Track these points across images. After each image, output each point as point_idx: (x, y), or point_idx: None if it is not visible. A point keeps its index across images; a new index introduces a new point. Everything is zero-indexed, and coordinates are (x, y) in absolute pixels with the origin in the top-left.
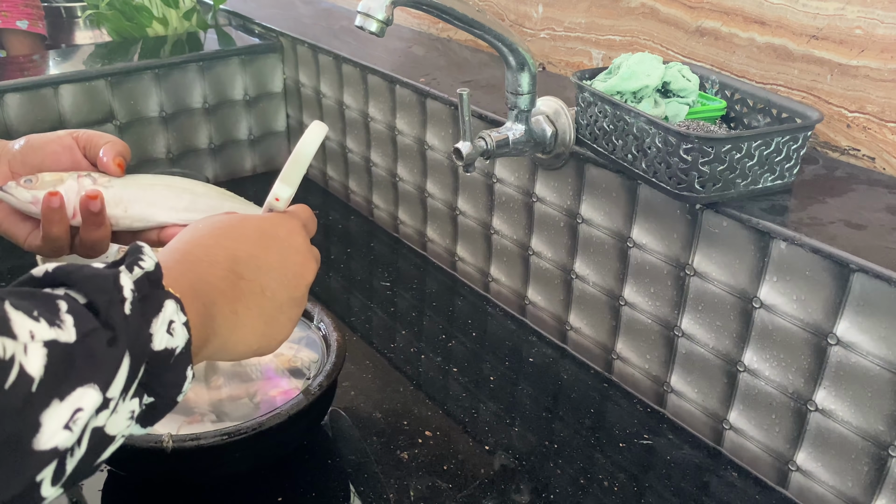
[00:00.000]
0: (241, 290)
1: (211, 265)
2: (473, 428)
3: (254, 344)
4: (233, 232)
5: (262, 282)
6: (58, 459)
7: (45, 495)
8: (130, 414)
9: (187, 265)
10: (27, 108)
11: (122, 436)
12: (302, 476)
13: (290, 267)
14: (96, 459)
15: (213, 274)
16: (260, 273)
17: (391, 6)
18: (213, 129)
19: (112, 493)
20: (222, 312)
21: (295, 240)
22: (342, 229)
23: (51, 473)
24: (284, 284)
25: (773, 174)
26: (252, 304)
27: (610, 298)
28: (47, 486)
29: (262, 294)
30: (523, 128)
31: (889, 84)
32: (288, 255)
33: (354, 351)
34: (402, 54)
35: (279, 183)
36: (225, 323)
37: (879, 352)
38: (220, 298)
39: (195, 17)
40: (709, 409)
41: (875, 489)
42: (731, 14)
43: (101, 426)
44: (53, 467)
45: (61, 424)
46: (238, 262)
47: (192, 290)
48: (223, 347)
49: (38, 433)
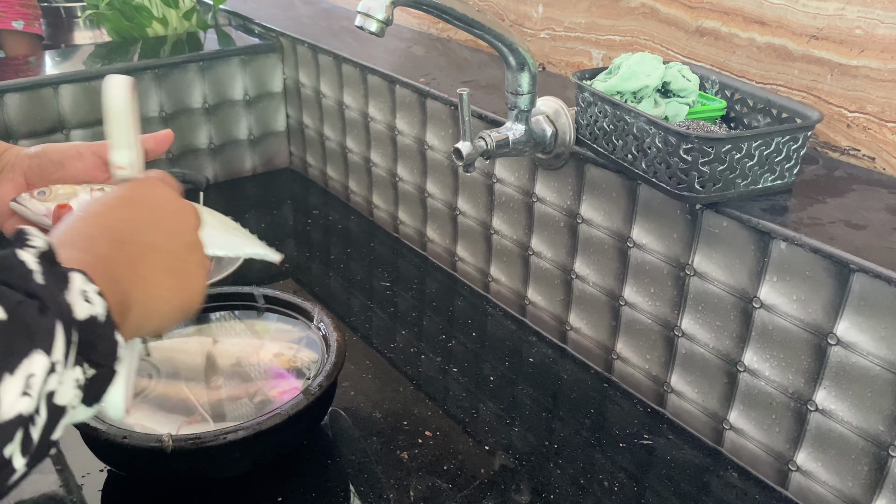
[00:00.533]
0: (132, 253)
1: (90, 240)
2: (473, 428)
3: (174, 299)
4: (97, 208)
5: (147, 240)
6: (23, 428)
7: (16, 467)
8: (76, 383)
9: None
10: (27, 108)
11: (72, 407)
12: (302, 476)
13: (168, 216)
14: (53, 431)
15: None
16: (140, 233)
17: (391, 6)
18: (213, 129)
19: (112, 493)
20: (126, 278)
21: (158, 192)
22: (342, 229)
23: (19, 445)
24: (171, 234)
25: (773, 174)
26: (151, 263)
27: (610, 298)
28: (18, 458)
29: (155, 251)
30: (523, 128)
31: (889, 84)
32: (158, 208)
33: (354, 351)
34: (402, 54)
35: (114, 150)
36: (134, 288)
37: (879, 352)
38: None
39: (195, 17)
40: (709, 409)
41: (875, 489)
42: (731, 14)
43: (52, 391)
44: (20, 437)
45: (18, 392)
46: (114, 231)
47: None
48: (146, 312)
49: None
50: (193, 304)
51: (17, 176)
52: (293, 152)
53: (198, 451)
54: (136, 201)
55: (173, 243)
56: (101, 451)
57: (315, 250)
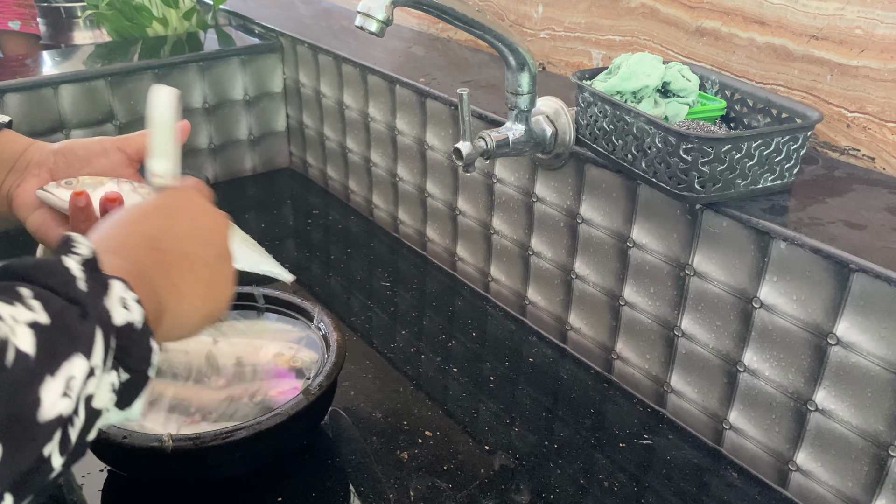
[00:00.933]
0: (168, 262)
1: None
2: (473, 428)
3: (203, 309)
4: (137, 216)
5: (183, 249)
6: (62, 429)
7: (54, 466)
8: (111, 387)
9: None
10: (27, 108)
11: (106, 410)
12: (302, 476)
13: (203, 226)
14: (89, 433)
15: (135, 255)
16: (177, 242)
17: (391, 6)
18: (213, 129)
19: (112, 493)
20: (161, 286)
21: (195, 203)
22: (342, 229)
23: (57, 445)
24: (205, 244)
25: (773, 174)
26: (184, 272)
27: (610, 298)
28: (56, 457)
29: (189, 260)
30: (523, 128)
31: (889, 84)
32: (195, 218)
33: (354, 351)
34: (402, 54)
35: (154, 159)
36: (167, 296)
37: (879, 352)
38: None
39: (195, 17)
40: (709, 409)
41: (875, 489)
42: (731, 14)
43: (91, 394)
44: (59, 437)
45: (59, 394)
46: (153, 239)
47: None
48: (176, 320)
49: (40, 406)
50: (221, 312)
51: (43, 172)
52: (293, 152)
53: (198, 451)
54: (173, 210)
55: (206, 253)
56: (101, 451)
57: (315, 250)
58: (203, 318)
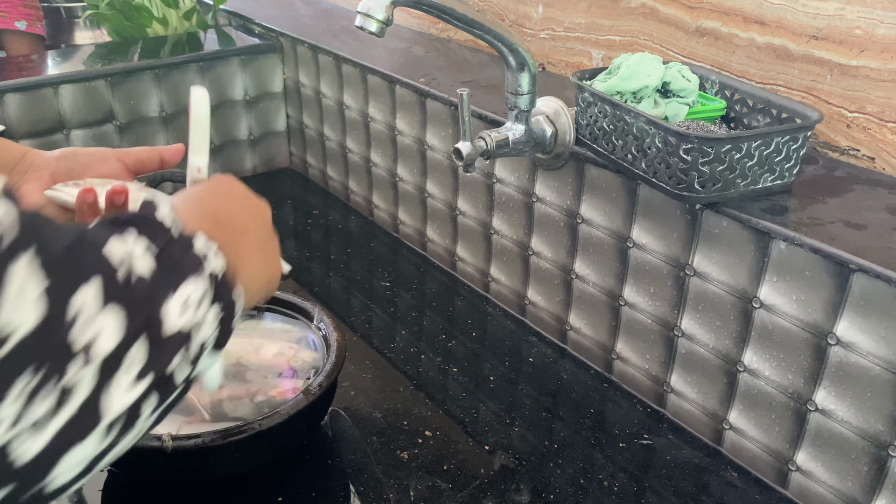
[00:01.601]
0: (231, 234)
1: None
2: (473, 428)
3: (262, 279)
4: (192, 197)
5: (241, 223)
6: (184, 346)
7: (176, 384)
8: (216, 318)
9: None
10: (27, 108)
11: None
12: (302, 476)
13: (251, 207)
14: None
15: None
16: (235, 217)
17: (391, 6)
18: (214, 129)
19: (112, 493)
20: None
21: (238, 187)
22: (342, 229)
23: (179, 360)
24: (256, 221)
25: (772, 174)
26: (246, 243)
27: (610, 298)
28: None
29: (247, 233)
30: (523, 128)
31: (889, 84)
32: (243, 199)
33: (354, 351)
34: (402, 54)
35: (195, 154)
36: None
37: (879, 352)
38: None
39: (195, 17)
40: (709, 409)
41: (875, 489)
42: (731, 14)
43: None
44: (182, 354)
45: (179, 308)
46: (214, 214)
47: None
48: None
49: (164, 323)
50: (274, 285)
51: (45, 175)
52: (293, 152)
53: (198, 451)
54: (224, 193)
55: (260, 230)
56: None
57: (315, 250)
58: (262, 288)
